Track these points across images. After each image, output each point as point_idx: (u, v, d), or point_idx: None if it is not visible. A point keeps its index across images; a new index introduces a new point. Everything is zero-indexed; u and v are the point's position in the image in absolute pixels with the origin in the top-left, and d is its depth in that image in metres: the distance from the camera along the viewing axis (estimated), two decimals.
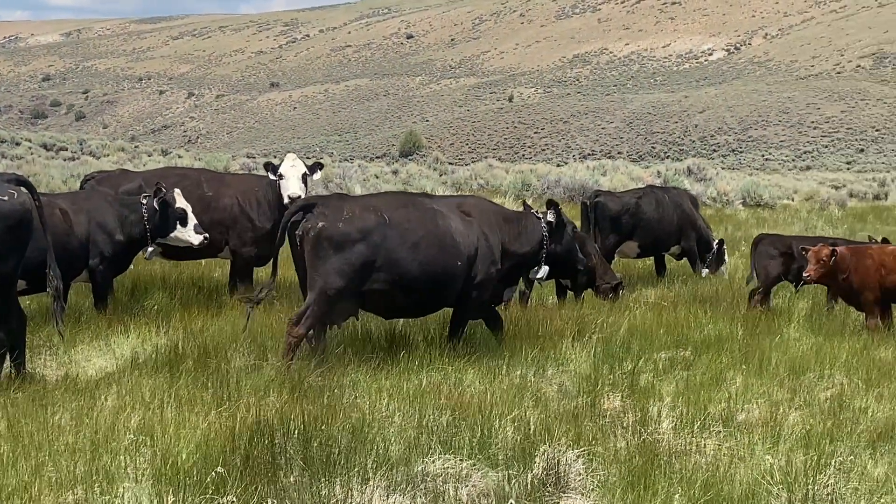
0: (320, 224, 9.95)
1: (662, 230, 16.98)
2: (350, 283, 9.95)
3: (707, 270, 17.24)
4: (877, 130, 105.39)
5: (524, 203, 12.28)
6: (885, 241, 14.53)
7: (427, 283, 10.35)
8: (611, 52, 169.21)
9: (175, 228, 12.05)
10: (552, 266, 11.48)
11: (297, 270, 10.48)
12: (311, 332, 9.97)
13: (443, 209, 10.70)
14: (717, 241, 17.59)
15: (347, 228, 9.97)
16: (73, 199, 11.96)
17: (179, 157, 56.58)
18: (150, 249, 12.10)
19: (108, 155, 53.66)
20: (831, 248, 12.53)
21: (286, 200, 12.91)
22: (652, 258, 17.73)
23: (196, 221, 12.20)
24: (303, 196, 12.90)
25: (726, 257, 17.50)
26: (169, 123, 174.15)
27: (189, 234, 12.15)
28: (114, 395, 8.40)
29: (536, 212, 11.46)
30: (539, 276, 11.55)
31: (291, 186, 12.89)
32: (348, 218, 10.03)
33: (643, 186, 21.43)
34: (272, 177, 13.03)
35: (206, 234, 12.30)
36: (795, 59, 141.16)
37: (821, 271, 12.40)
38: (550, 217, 11.29)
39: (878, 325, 12.23)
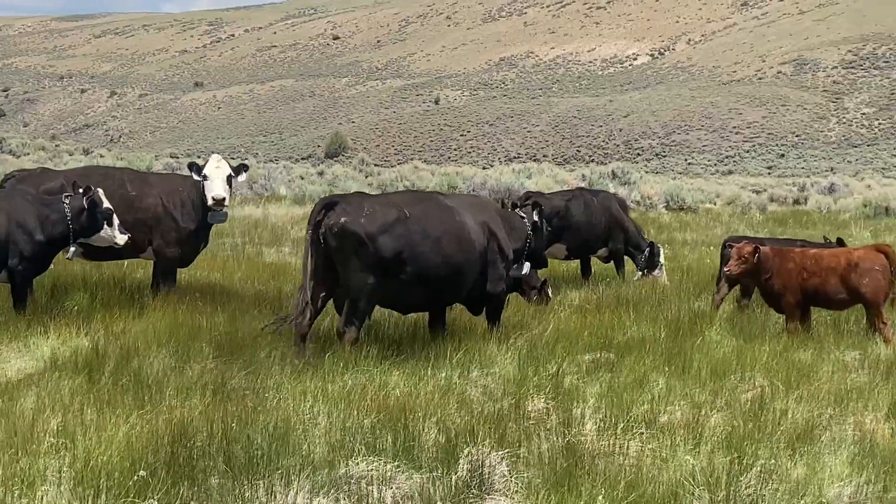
0: (342, 220, 10.34)
1: (590, 233, 17.15)
2: (378, 277, 10.44)
3: (640, 274, 17.38)
4: (797, 136, 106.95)
5: (505, 202, 13.17)
6: (839, 241, 14.81)
7: (447, 276, 10.90)
8: (537, 56, 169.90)
9: (102, 228, 11.92)
10: (530, 262, 12.26)
11: (313, 263, 10.57)
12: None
13: (455, 206, 11.29)
14: (648, 244, 17.73)
15: (371, 224, 10.40)
16: None
17: (101, 156, 55.93)
18: (72, 249, 11.94)
19: (28, 154, 52.87)
20: (754, 245, 12.70)
21: (209, 202, 12.82)
22: (578, 260, 17.84)
23: (118, 221, 12.08)
24: (226, 198, 12.86)
25: (662, 259, 17.64)
26: (91, 122, 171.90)
27: (115, 234, 12.03)
28: (33, 396, 8.30)
29: (519, 212, 12.30)
30: (523, 272, 12.21)
31: (215, 188, 12.81)
32: (370, 214, 10.47)
33: (573, 189, 21.58)
34: (196, 177, 12.93)
35: (129, 235, 12.18)
36: (718, 64, 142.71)
37: (742, 267, 12.58)
38: (535, 217, 12.11)
39: (797, 328, 12.40)
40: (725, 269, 12.98)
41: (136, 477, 6.25)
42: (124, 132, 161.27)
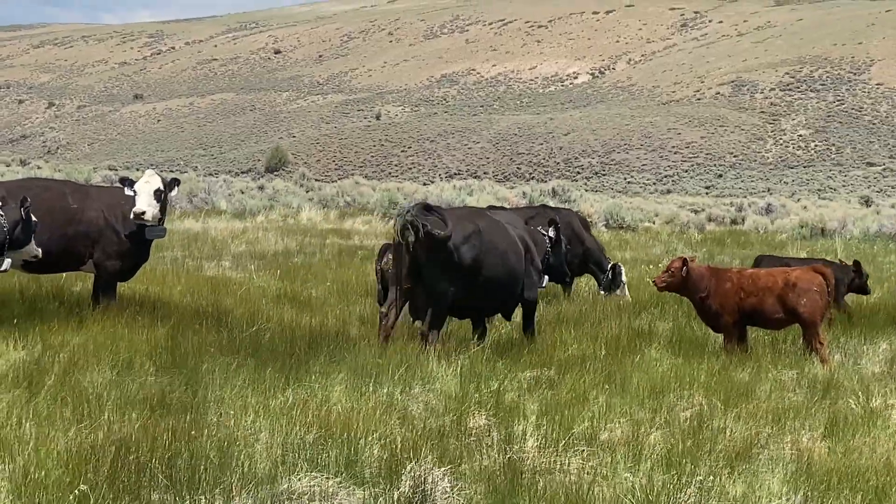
0: (434, 231, 11.41)
1: None
2: (459, 282, 11.57)
3: (604, 292, 17.47)
4: (735, 156, 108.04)
5: (550, 220, 14.05)
6: (856, 263, 15.08)
7: (506, 285, 12.16)
8: (478, 73, 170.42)
9: (30, 241, 11.81)
10: (548, 275, 13.51)
11: (396, 271, 11.73)
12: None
13: (502, 220, 12.63)
14: (610, 263, 17.87)
15: (456, 237, 11.54)
16: None
17: (39, 167, 55.31)
18: (7, 262, 11.81)
19: None
20: (682, 259, 12.85)
21: (132, 216, 12.75)
22: None
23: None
24: (149, 213, 12.73)
25: (624, 278, 17.76)
26: (28, 133, 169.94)
27: (35, 248, 11.93)
28: None
29: (540, 228, 13.49)
30: (542, 284, 13.41)
31: (139, 203, 12.76)
32: (454, 227, 11.57)
33: (536, 205, 21.78)
34: (128, 192, 12.86)
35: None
36: (658, 84, 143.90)
37: (668, 280, 12.76)
38: (551, 233, 13.37)
39: (734, 348, 12.53)
40: (652, 281, 13.19)
41: (76, 491, 6.20)
42: (62, 143, 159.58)
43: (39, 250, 12.00)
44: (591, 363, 11.28)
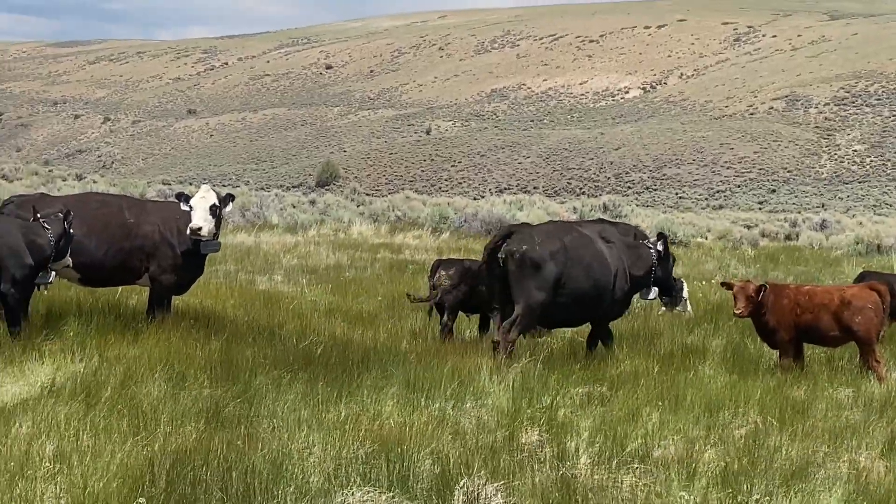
0: (524, 247, 12.17)
1: None
2: (547, 296, 12.18)
3: (665, 308, 17.39)
4: (788, 171, 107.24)
5: (638, 232, 14.27)
6: None
7: (592, 298, 12.61)
8: (528, 88, 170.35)
9: (67, 253, 11.99)
10: (658, 288, 13.69)
11: (491, 286, 12.56)
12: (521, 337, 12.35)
13: (591, 234, 12.98)
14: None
15: (543, 251, 12.18)
16: None
17: (94, 181, 55.97)
18: (53, 274, 11.99)
19: (21, 178, 52.85)
20: (760, 285, 12.70)
21: (188, 231, 12.83)
22: None
23: None
24: (205, 229, 12.86)
25: (685, 294, 17.67)
26: (84, 148, 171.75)
27: (69, 259, 12.11)
28: (28, 422, 8.28)
29: (648, 241, 13.66)
30: (650, 296, 13.75)
31: (196, 218, 12.84)
32: (541, 242, 12.26)
33: (595, 219, 21.76)
34: (183, 207, 12.96)
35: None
36: (710, 99, 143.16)
37: (750, 307, 12.59)
38: (659, 247, 13.45)
39: (790, 365, 12.43)
40: (736, 311, 12.82)
41: None
42: (117, 158, 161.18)
43: (70, 260, 12.14)
44: (645, 379, 11.23)
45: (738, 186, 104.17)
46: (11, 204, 13.17)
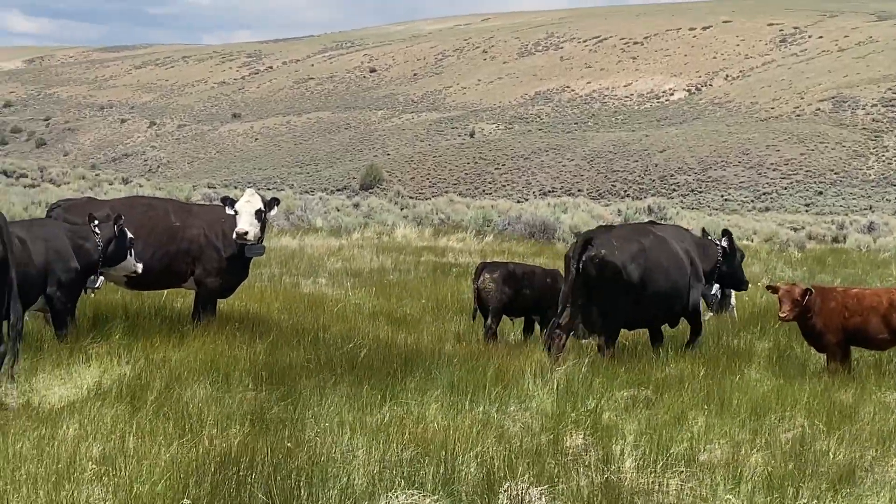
0: (603, 252, 12.42)
1: None
2: (628, 299, 12.52)
3: (710, 314, 17.28)
4: (835, 173, 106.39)
5: (703, 230, 14.80)
6: None
7: (670, 298, 13.00)
8: (572, 90, 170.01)
9: (126, 257, 12.04)
10: (723, 283, 14.12)
11: (572, 291, 12.58)
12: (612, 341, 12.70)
13: (666, 236, 13.32)
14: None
15: (623, 255, 12.46)
16: (29, 226, 11.90)
17: (140, 185, 56.33)
18: (101, 279, 12.06)
19: (68, 182, 53.39)
20: (806, 289, 12.57)
21: (234, 236, 12.89)
22: None
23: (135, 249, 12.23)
24: (251, 233, 12.91)
25: (733, 301, 17.57)
26: (130, 152, 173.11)
27: (136, 263, 12.16)
28: (75, 424, 8.34)
29: (714, 239, 14.11)
30: (712, 292, 14.06)
31: (241, 223, 12.90)
32: (620, 247, 12.53)
33: (645, 222, 21.72)
34: (229, 211, 13.01)
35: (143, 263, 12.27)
36: (756, 100, 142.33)
37: (796, 311, 12.45)
38: (724, 243, 13.80)
39: (838, 368, 12.31)
40: (781, 315, 12.69)
41: None
42: (163, 162, 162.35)
43: (139, 265, 12.20)
44: (690, 383, 11.15)
45: (785, 189, 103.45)
46: (59, 208, 13.29)
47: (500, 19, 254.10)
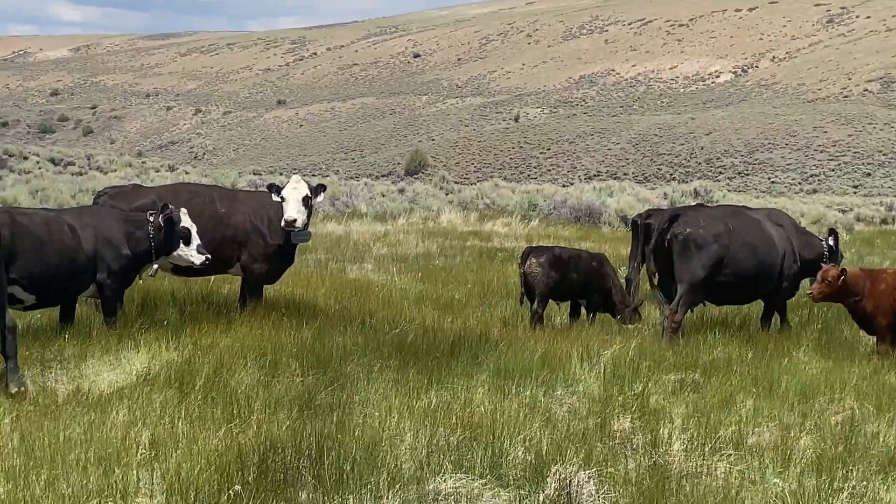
0: (688, 230, 13.03)
1: None
2: (709, 275, 13.00)
3: None
4: (884, 154, 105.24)
5: (831, 230, 14.98)
6: None
7: (756, 276, 13.34)
8: (617, 73, 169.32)
9: (178, 247, 12.04)
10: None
11: (655, 266, 13.51)
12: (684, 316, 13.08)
13: (761, 218, 13.79)
14: None
15: (707, 233, 13.02)
16: (80, 213, 11.99)
17: (186, 172, 56.66)
18: (154, 267, 12.10)
19: (115, 170, 53.79)
20: (841, 269, 12.52)
21: (282, 223, 12.90)
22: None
23: (199, 241, 12.15)
24: (299, 220, 12.90)
25: None
26: (176, 139, 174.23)
27: (191, 254, 12.11)
28: (124, 409, 8.41)
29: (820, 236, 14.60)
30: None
31: (289, 210, 12.88)
32: (706, 225, 13.09)
33: (694, 205, 21.69)
34: (275, 198, 13.01)
35: (209, 256, 12.22)
36: (803, 82, 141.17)
37: (826, 291, 12.44)
38: (830, 241, 14.17)
39: (888, 351, 12.20)
40: (808, 293, 12.81)
41: (229, 491, 6.32)
42: (208, 149, 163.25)
43: (197, 256, 12.14)
44: (738, 366, 11.10)
45: (833, 170, 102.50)
46: (105, 195, 13.38)
47: (545, 3, 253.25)
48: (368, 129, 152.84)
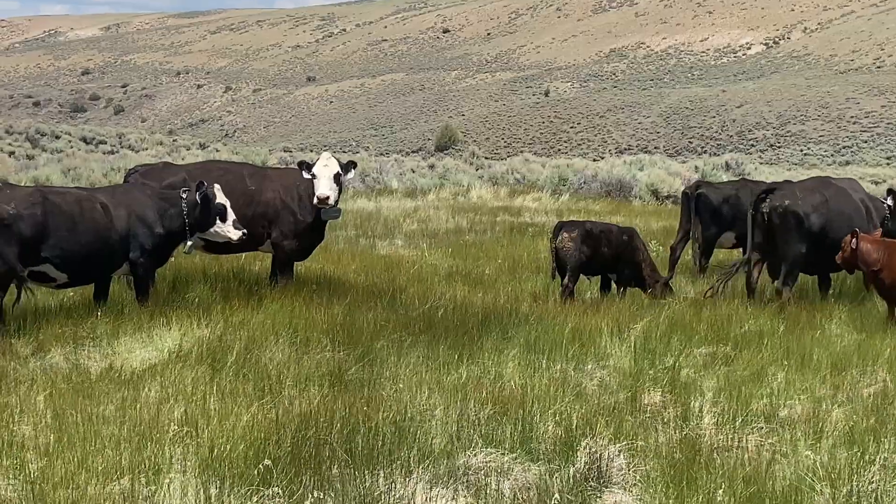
0: (786, 202, 13.51)
1: None
2: (811, 247, 13.44)
3: None
4: None
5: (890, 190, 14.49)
6: None
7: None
8: (648, 47, 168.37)
9: (214, 223, 12.08)
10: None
11: (752, 237, 13.95)
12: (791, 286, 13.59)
13: (846, 187, 14.20)
14: None
15: (805, 206, 13.46)
16: (112, 192, 12.06)
17: (217, 150, 56.84)
18: (189, 244, 12.14)
19: (146, 149, 53.99)
20: (853, 231, 12.59)
21: (315, 201, 12.92)
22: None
23: (235, 217, 12.20)
24: (332, 198, 12.92)
25: None
26: (206, 117, 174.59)
27: (228, 230, 12.16)
28: (157, 386, 8.47)
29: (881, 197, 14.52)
30: None
31: (321, 187, 12.89)
32: (803, 197, 13.50)
33: (739, 179, 21.73)
34: (306, 175, 13.03)
35: (245, 231, 12.26)
36: (835, 53, 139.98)
37: (843, 257, 12.64)
38: (889, 202, 13.80)
39: None
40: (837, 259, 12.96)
41: (260, 466, 6.36)
42: (239, 127, 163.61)
43: (234, 232, 12.13)
44: (769, 339, 11.05)
45: (865, 142, 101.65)
46: (136, 173, 13.44)
47: None
48: (398, 105, 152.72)
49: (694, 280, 16.28)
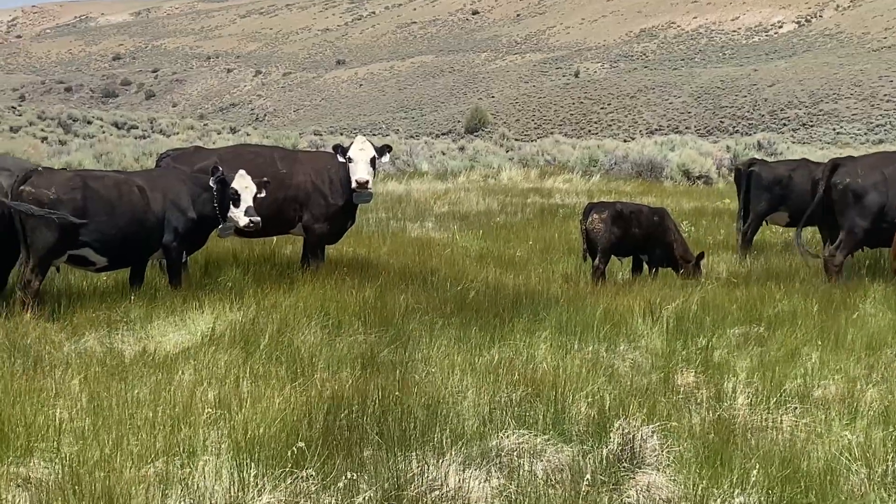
0: (847, 180, 13.77)
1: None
2: (870, 223, 13.67)
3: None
4: None
5: None
6: None
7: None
8: (678, 26, 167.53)
9: (228, 208, 12.00)
10: None
11: (816, 213, 14.36)
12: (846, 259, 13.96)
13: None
14: None
15: (865, 182, 13.70)
16: (148, 175, 12.11)
17: (248, 134, 56.97)
18: (220, 227, 12.16)
19: (177, 133, 54.15)
20: None
21: (353, 185, 12.94)
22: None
23: (250, 204, 12.03)
24: (370, 181, 12.94)
25: None
26: (237, 101, 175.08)
27: (238, 216, 11.99)
28: (190, 369, 8.49)
29: None
30: None
31: (360, 171, 12.91)
32: (864, 174, 13.74)
33: (798, 159, 21.74)
34: (341, 159, 13.04)
35: (256, 218, 12.10)
36: (868, 30, 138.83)
37: None
38: None
39: None
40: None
41: (293, 448, 6.38)
42: (269, 110, 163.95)
43: (242, 218, 12.01)
44: (803, 319, 10.97)
45: None
46: (168, 157, 13.48)
47: None
48: (428, 88, 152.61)
49: (728, 260, 16.19)
